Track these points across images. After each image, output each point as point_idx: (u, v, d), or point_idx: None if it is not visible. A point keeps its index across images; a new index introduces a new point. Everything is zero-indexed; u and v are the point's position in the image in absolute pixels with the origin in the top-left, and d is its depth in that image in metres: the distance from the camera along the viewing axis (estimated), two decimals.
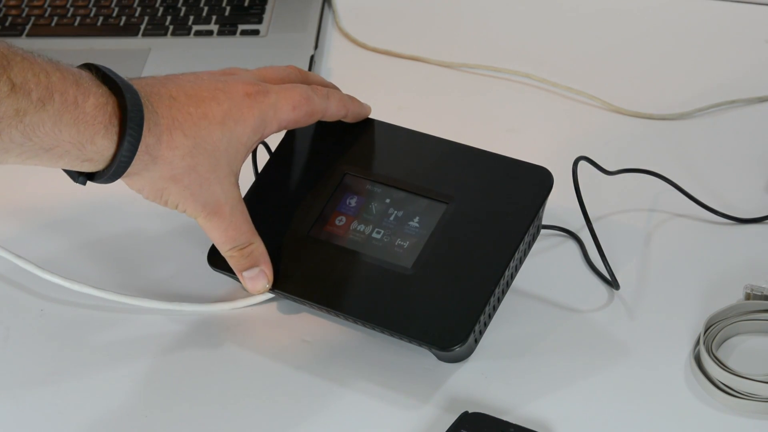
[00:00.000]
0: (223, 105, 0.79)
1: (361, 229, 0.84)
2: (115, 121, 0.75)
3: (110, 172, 0.76)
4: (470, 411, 0.78)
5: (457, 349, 0.79)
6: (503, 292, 0.83)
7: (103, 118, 0.74)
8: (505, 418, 0.77)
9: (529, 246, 0.84)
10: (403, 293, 0.81)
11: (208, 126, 0.78)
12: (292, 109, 0.82)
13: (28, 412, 0.81)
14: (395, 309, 0.80)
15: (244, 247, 0.83)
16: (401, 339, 0.80)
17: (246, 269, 0.83)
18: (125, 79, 0.77)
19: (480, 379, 0.82)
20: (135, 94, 0.75)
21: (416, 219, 0.84)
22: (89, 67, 0.77)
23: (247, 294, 0.86)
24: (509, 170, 0.84)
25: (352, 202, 0.86)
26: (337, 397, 0.81)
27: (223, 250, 0.83)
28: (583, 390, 0.81)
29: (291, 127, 0.85)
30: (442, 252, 0.82)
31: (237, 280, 0.85)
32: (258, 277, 0.83)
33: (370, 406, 0.81)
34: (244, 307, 0.88)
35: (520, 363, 0.83)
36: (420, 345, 0.80)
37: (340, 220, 0.85)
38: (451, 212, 0.83)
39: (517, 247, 0.81)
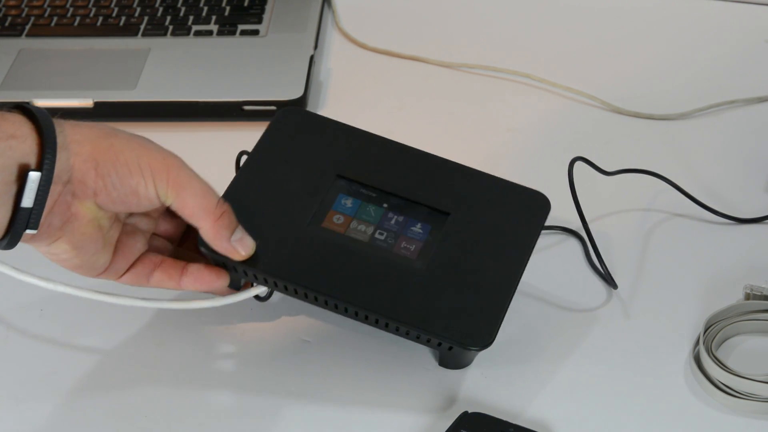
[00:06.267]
0: None
1: (362, 229, 0.82)
2: (15, 110, 0.74)
3: (49, 132, 0.73)
4: (470, 411, 0.78)
5: (478, 351, 0.78)
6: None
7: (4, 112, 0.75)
8: (504, 418, 0.77)
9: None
10: (419, 290, 0.79)
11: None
12: None
13: (28, 412, 0.81)
14: (413, 305, 0.78)
15: (223, 201, 0.79)
16: (419, 336, 0.78)
17: (234, 228, 0.79)
18: None
19: (480, 378, 0.82)
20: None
21: (418, 225, 0.82)
22: None
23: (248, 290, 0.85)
24: (507, 192, 0.84)
25: (348, 202, 0.83)
26: (337, 396, 0.81)
27: (213, 211, 0.78)
28: (582, 390, 0.81)
29: None
30: (453, 256, 0.81)
31: (224, 261, 0.82)
32: (245, 236, 0.80)
33: (370, 406, 0.81)
34: (243, 300, 0.88)
35: (519, 363, 0.83)
36: (442, 342, 0.78)
37: (338, 219, 0.83)
38: (455, 222, 0.82)
39: (529, 257, 0.81)
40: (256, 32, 1.17)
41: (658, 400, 0.80)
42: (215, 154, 1.04)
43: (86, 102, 1.08)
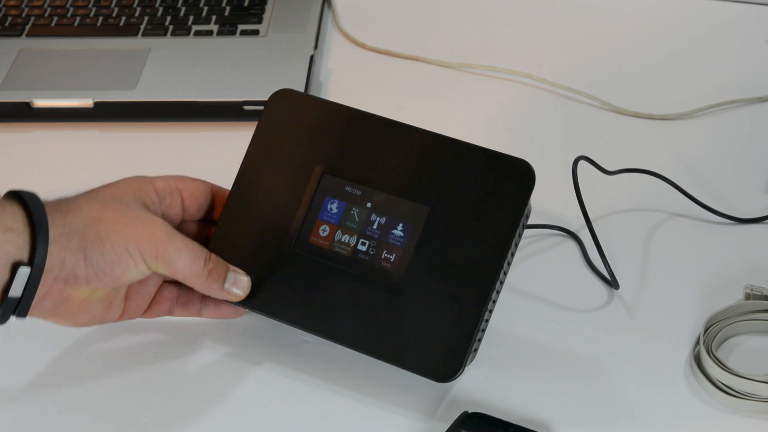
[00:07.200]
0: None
1: (346, 240, 0.82)
2: (14, 200, 0.76)
3: (42, 228, 0.74)
4: (470, 411, 0.78)
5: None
6: (495, 301, 0.82)
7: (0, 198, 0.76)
8: (504, 418, 0.77)
9: (517, 245, 0.83)
10: (393, 318, 0.80)
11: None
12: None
13: (28, 412, 0.81)
14: (386, 337, 0.79)
15: (211, 256, 0.81)
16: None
17: (225, 276, 0.82)
18: None
19: (480, 378, 0.82)
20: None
21: (400, 227, 0.82)
22: None
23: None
24: (490, 163, 0.82)
25: (333, 207, 0.83)
26: (337, 396, 0.81)
27: (201, 273, 0.80)
28: (582, 390, 0.81)
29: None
30: (429, 266, 0.80)
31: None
32: (238, 278, 0.82)
33: (370, 406, 0.81)
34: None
35: (519, 363, 0.83)
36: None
37: (324, 230, 0.83)
38: (435, 217, 0.81)
39: (506, 255, 0.80)
40: (256, 32, 1.17)
41: (658, 400, 0.80)
42: (215, 154, 1.04)
43: (86, 102, 1.08)
